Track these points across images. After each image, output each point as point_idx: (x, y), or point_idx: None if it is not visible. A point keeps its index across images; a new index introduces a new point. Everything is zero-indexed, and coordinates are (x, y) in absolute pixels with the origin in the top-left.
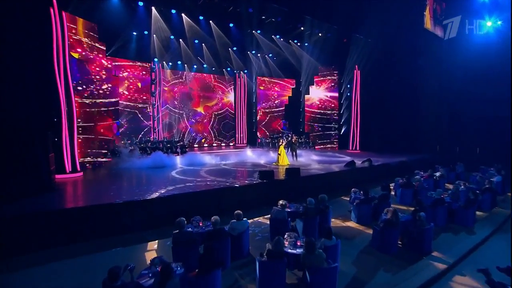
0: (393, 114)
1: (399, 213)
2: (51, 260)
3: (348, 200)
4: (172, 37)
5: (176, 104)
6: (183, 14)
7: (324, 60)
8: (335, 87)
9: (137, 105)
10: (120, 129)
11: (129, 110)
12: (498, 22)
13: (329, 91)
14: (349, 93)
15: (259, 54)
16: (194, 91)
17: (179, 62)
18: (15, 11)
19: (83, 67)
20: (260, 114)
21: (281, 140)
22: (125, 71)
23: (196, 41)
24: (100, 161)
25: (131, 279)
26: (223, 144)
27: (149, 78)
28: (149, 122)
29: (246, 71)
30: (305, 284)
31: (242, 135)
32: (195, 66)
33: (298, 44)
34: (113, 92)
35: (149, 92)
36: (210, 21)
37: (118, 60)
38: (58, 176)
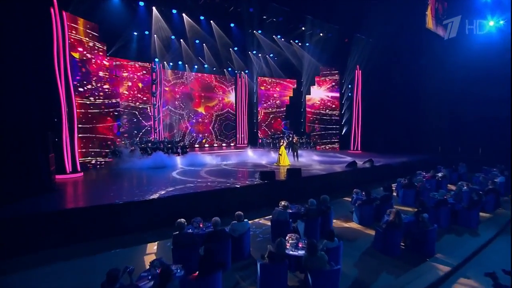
0: (395, 114)
1: (402, 214)
2: (51, 261)
3: (350, 201)
4: (173, 37)
5: (177, 104)
6: (184, 14)
7: (325, 60)
8: (336, 87)
9: (138, 106)
10: (121, 129)
11: (130, 111)
12: (501, 22)
13: (330, 91)
14: (350, 93)
15: (260, 54)
16: (195, 91)
17: (180, 62)
18: (15, 11)
19: (84, 67)
20: (261, 115)
21: (282, 141)
22: (126, 71)
23: (197, 41)
24: (101, 162)
25: (130, 282)
26: (224, 145)
27: (150, 78)
28: (150, 122)
29: (247, 71)
30: (307, 287)
31: (243, 136)
32: (196, 66)
33: (299, 44)
34: (114, 92)
35: (150, 92)
36: (211, 21)
37: (119, 60)
38: (59, 177)
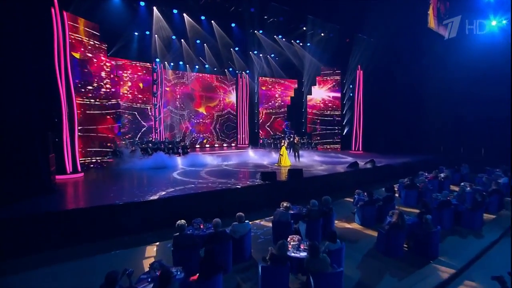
0: (396, 114)
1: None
2: (51, 262)
3: (352, 202)
4: (174, 37)
5: (178, 105)
6: (185, 14)
7: (327, 60)
8: (338, 88)
9: (139, 106)
10: (121, 130)
11: (130, 111)
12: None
13: (332, 92)
14: (352, 93)
15: (261, 54)
16: (196, 92)
17: (181, 63)
18: (16, 11)
19: (85, 67)
20: (262, 115)
21: (283, 141)
22: (127, 72)
23: (198, 41)
24: (101, 162)
25: (129, 284)
26: (225, 145)
27: (151, 79)
28: (151, 123)
29: (248, 72)
30: None
31: (244, 136)
32: (197, 67)
33: (300, 44)
34: (115, 93)
35: (151, 93)
36: (212, 21)
37: (120, 60)
38: (59, 177)
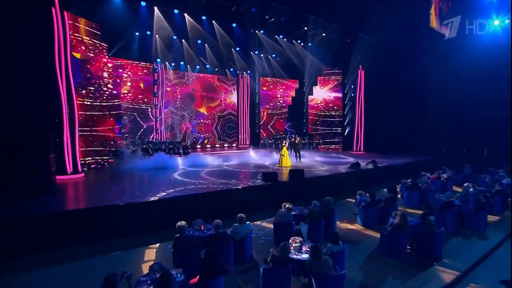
0: (398, 115)
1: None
2: (50, 263)
3: (354, 202)
4: (175, 37)
5: (179, 105)
6: (186, 14)
7: (328, 60)
8: (339, 88)
9: (140, 106)
10: (122, 130)
11: (131, 112)
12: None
13: (333, 92)
14: (353, 94)
15: (262, 55)
16: (197, 92)
17: (182, 63)
18: (16, 11)
19: (85, 67)
20: (263, 115)
21: (284, 141)
22: (128, 72)
23: (199, 41)
24: (102, 162)
25: (129, 287)
26: (226, 145)
27: (152, 79)
28: (152, 123)
29: (249, 72)
30: None
31: (245, 136)
32: (198, 67)
33: (302, 44)
34: (115, 93)
35: (152, 93)
36: (213, 21)
37: (121, 60)
38: (59, 177)
